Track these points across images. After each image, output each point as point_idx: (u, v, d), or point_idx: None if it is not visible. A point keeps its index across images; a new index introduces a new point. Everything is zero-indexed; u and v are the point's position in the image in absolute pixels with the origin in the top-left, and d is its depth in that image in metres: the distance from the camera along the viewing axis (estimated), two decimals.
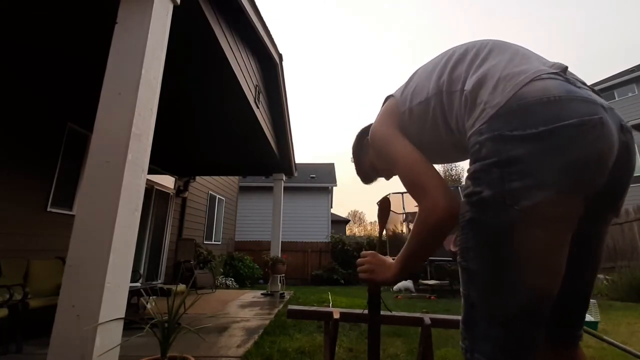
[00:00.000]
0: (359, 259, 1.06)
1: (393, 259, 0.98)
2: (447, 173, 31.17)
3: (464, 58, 0.84)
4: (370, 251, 1.07)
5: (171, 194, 7.59)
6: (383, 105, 1.06)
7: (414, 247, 0.87)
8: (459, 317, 1.51)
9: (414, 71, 1.01)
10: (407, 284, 8.50)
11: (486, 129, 0.70)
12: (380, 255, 1.04)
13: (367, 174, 1.25)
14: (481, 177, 0.70)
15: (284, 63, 5.41)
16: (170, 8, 1.94)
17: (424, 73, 0.93)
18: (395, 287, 8.56)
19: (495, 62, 0.78)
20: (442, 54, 0.93)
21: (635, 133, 11.14)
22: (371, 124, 1.23)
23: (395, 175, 1.20)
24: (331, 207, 16.35)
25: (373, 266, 1.02)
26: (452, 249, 1.14)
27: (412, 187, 0.86)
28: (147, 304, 4.00)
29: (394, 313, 1.50)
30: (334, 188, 16.28)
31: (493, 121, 0.70)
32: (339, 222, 20.87)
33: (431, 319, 1.41)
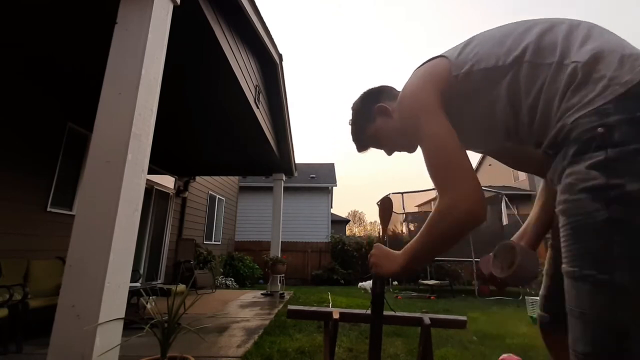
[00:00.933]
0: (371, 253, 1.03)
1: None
2: None
3: (551, 30, 0.75)
4: (376, 244, 1.03)
5: (171, 194, 7.59)
6: (424, 65, 0.90)
7: (426, 242, 0.79)
8: (459, 317, 1.49)
9: (469, 38, 0.89)
10: (368, 284, 8.56)
11: (615, 109, 0.60)
12: (383, 247, 1.00)
13: (364, 142, 1.12)
14: (621, 167, 0.58)
15: (283, 63, 5.42)
16: (170, 8, 1.94)
17: (490, 39, 0.83)
18: (359, 285, 8.70)
19: (605, 39, 0.70)
20: (513, 24, 0.83)
21: None
22: (379, 88, 1.10)
23: (397, 151, 1.11)
24: (331, 207, 16.34)
25: (378, 259, 0.97)
26: (492, 271, 0.96)
27: (440, 173, 0.77)
28: (147, 304, 4.00)
29: (393, 313, 1.50)
30: (334, 188, 16.27)
31: (625, 101, 0.61)
32: (339, 222, 20.86)
33: (431, 319, 1.41)
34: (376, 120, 1.05)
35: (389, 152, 1.11)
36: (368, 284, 8.51)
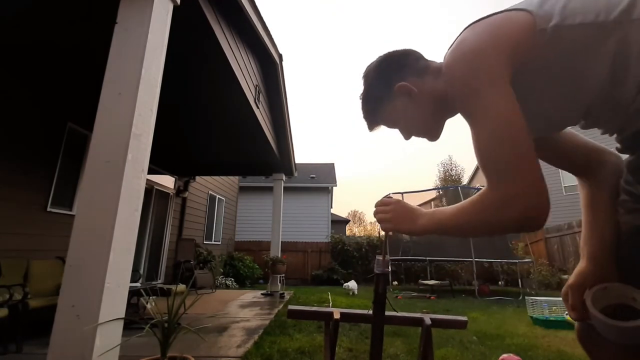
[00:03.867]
0: (378, 207, 0.87)
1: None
2: (447, 173, 30.98)
3: None
4: (393, 199, 0.87)
5: (171, 194, 7.59)
6: (489, 18, 0.70)
7: (463, 222, 0.68)
8: (460, 318, 1.50)
9: None
10: (353, 284, 8.16)
11: None
12: (404, 202, 0.87)
13: (378, 121, 0.91)
14: None
15: (283, 63, 5.42)
16: (170, 8, 1.94)
17: None
18: (344, 286, 8.43)
19: None
20: None
21: None
22: (402, 53, 0.87)
23: (416, 137, 0.91)
24: (331, 207, 16.35)
25: (396, 214, 0.83)
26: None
27: (500, 157, 0.62)
28: (147, 304, 4.00)
29: (394, 313, 1.50)
30: (334, 188, 16.29)
31: None
32: (339, 222, 20.87)
33: (431, 319, 1.41)
34: (396, 99, 0.84)
35: (407, 137, 0.90)
36: (352, 284, 8.23)
